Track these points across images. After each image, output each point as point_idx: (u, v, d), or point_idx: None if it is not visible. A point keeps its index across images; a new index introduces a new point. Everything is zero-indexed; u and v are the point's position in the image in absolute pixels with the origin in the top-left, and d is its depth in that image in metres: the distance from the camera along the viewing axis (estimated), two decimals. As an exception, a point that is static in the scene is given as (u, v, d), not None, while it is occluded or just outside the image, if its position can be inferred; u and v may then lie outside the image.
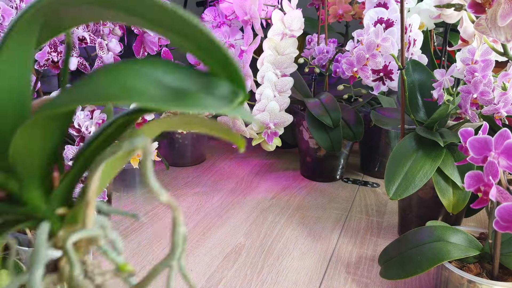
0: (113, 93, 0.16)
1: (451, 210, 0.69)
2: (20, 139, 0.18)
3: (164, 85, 0.17)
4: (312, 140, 1.05)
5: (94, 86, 0.17)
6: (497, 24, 0.50)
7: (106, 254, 0.22)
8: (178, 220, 0.19)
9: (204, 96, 0.17)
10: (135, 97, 0.16)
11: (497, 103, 0.62)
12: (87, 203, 0.19)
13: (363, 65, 0.77)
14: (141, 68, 0.18)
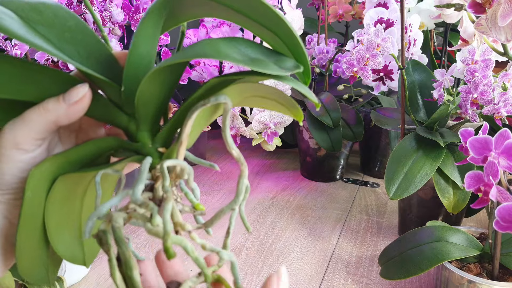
0: (210, 53, 0.22)
1: (451, 210, 0.69)
2: (144, 86, 0.24)
3: (244, 54, 0.24)
4: (312, 140, 1.05)
5: (197, 48, 0.23)
6: (497, 24, 0.50)
7: (186, 195, 0.28)
8: (243, 173, 0.24)
9: (273, 65, 0.23)
10: (224, 57, 0.22)
11: (497, 103, 0.62)
12: (180, 142, 0.24)
13: (363, 65, 0.77)
14: (229, 42, 0.24)
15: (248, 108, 0.77)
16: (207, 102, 0.23)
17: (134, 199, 0.23)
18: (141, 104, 0.25)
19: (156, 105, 0.27)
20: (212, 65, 0.98)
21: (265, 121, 0.76)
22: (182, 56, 0.23)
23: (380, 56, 0.75)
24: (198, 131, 0.28)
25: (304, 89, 0.24)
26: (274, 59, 0.24)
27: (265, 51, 0.25)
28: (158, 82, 0.25)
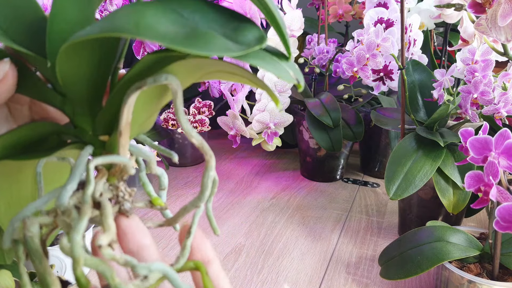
0: (126, 27, 0.16)
1: (451, 210, 0.69)
2: (63, 64, 0.20)
3: (183, 24, 0.18)
4: (312, 140, 1.05)
5: (112, 20, 0.17)
6: (497, 24, 0.50)
7: (144, 186, 0.25)
8: (209, 165, 0.21)
9: (220, 39, 0.17)
10: (143, 33, 0.16)
11: (497, 103, 0.62)
12: (120, 132, 0.21)
13: (363, 65, 0.77)
14: (170, 4, 0.19)
15: (248, 108, 0.77)
16: (143, 85, 0.19)
17: (58, 203, 0.20)
18: (68, 83, 0.21)
19: (88, 85, 0.22)
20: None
21: (265, 121, 0.76)
22: (88, 32, 0.17)
23: (380, 56, 0.75)
24: (149, 115, 0.24)
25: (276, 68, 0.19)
26: (230, 28, 0.19)
27: (223, 15, 0.20)
28: (81, 59, 0.21)
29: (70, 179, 0.20)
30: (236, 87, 0.77)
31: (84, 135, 0.23)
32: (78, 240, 0.18)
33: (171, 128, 1.02)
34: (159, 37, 0.16)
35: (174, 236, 0.81)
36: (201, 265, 0.22)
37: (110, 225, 0.20)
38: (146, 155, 0.24)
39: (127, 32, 0.16)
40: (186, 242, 0.23)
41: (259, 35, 0.18)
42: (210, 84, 0.98)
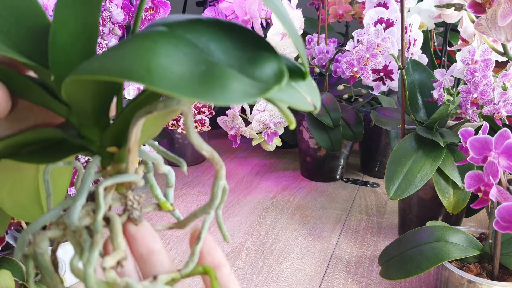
0: (135, 72, 0.15)
1: (451, 210, 0.69)
2: (68, 89, 0.19)
3: (199, 60, 0.16)
4: (312, 140, 1.05)
5: (121, 58, 0.16)
6: (497, 24, 0.50)
7: (152, 189, 0.25)
8: (219, 174, 0.21)
9: (238, 81, 0.16)
10: (157, 83, 0.15)
11: (497, 103, 0.62)
12: (128, 150, 0.21)
13: (363, 65, 0.77)
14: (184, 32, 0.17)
15: (248, 108, 0.77)
16: (153, 109, 0.19)
17: (68, 222, 0.20)
18: (74, 102, 0.21)
19: (93, 100, 0.22)
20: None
21: (265, 121, 0.76)
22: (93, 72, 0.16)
23: (380, 56, 0.75)
24: (155, 130, 0.25)
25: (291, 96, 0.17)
26: (247, 59, 0.17)
27: (238, 38, 0.18)
28: (86, 88, 0.20)
29: (78, 195, 0.20)
30: (236, 87, 0.77)
31: (91, 145, 0.23)
32: (91, 273, 0.18)
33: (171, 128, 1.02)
34: (170, 88, 0.15)
35: (174, 236, 0.81)
36: (210, 270, 0.22)
37: (120, 244, 0.20)
38: (154, 159, 0.24)
39: (138, 79, 0.15)
40: (195, 247, 0.23)
41: (278, 67, 0.17)
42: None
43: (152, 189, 0.25)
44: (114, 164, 0.22)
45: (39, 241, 0.20)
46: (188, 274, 0.22)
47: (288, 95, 0.17)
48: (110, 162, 0.23)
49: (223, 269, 0.24)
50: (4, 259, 0.57)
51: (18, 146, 0.23)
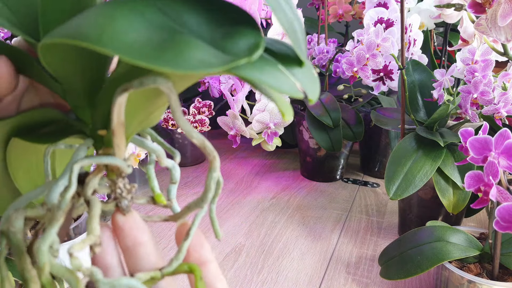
0: (88, 34, 0.14)
1: (451, 210, 0.69)
2: (47, 58, 0.18)
3: (163, 27, 0.15)
4: (312, 140, 1.05)
5: (82, 21, 0.15)
6: (497, 24, 0.50)
7: (149, 180, 0.24)
8: (213, 165, 0.20)
9: (200, 49, 0.15)
10: (105, 44, 0.14)
11: (497, 103, 0.62)
12: (112, 132, 0.19)
13: (363, 65, 0.77)
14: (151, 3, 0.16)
15: (248, 108, 0.77)
16: (129, 87, 0.18)
17: (47, 199, 0.19)
18: (59, 76, 0.20)
19: (83, 79, 0.21)
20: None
21: (265, 121, 0.76)
22: (52, 36, 0.15)
23: (380, 56, 0.75)
24: (150, 112, 0.23)
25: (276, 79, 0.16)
26: (222, 32, 0.16)
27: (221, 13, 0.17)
28: (65, 54, 0.19)
29: (63, 174, 0.19)
30: (236, 87, 0.77)
31: (84, 127, 0.22)
32: (43, 249, 0.17)
33: (171, 128, 1.02)
34: (120, 50, 0.14)
35: (174, 236, 0.81)
36: (196, 268, 0.21)
37: (94, 229, 0.19)
38: (153, 150, 0.23)
39: (88, 41, 0.14)
40: (183, 244, 0.21)
41: (253, 42, 0.15)
42: (210, 84, 0.98)
43: (149, 181, 0.24)
44: (105, 148, 0.22)
45: (14, 219, 0.19)
46: (170, 273, 0.21)
47: (268, 76, 0.16)
48: (102, 146, 0.22)
49: (210, 266, 0.23)
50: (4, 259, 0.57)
51: (26, 126, 0.23)
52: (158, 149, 0.23)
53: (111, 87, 0.19)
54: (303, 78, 0.17)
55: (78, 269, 0.18)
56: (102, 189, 0.21)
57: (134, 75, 0.18)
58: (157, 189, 0.24)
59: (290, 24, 0.18)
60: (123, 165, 0.20)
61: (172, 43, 0.14)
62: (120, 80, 0.19)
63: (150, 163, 0.25)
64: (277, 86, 0.16)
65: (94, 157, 0.20)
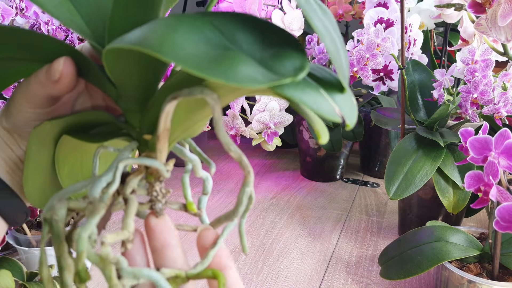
0: (150, 43, 0.16)
1: (451, 210, 0.69)
2: (110, 63, 0.20)
3: (218, 44, 0.16)
4: (312, 140, 1.05)
5: (147, 31, 0.17)
6: (497, 24, 0.50)
7: (183, 187, 0.25)
8: (247, 180, 0.20)
9: (250, 67, 0.16)
10: (165, 52, 0.15)
11: (497, 103, 0.62)
12: (157, 137, 0.21)
13: (363, 65, 0.76)
14: (212, 18, 0.17)
15: (248, 108, 0.77)
16: (178, 95, 0.19)
17: (89, 193, 0.20)
18: (117, 80, 0.22)
19: (138, 85, 0.23)
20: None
21: (265, 121, 0.76)
22: (117, 43, 0.17)
23: (380, 56, 0.75)
24: (194, 122, 0.24)
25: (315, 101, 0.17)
26: (271, 53, 0.17)
27: (271, 35, 0.18)
28: (126, 61, 0.21)
29: (107, 171, 0.21)
30: (236, 87, 0.77)
31: (132, 130, 0.24)
32: (83, 236, 0.18)
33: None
34: (178, 59, 0.15)
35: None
36: (220, 275, 0.21)
37: (128, 225, 0.20)
38: (190, 159, 0.24)
39: (150, 48, 0.15)
40: (209, 252, 0.22)
41: (299, 64, 0.16)
42: (210, 84, 0.97)
43: (183, 189, 0.25)
44: (148, 151, 0.23)
45: (58, 208, 0.20)
46: (194, 275, 0.21)
47: (309, 97, 0.17)
48: (146, 150, 0.23)
49: (229, 271, 0.23)
50: (4, 259, 0.57)
51: (78, 126, 0.25)
52: (195, 159, 0.24)
53: (162, 95, 0.21)
54: (342, 103, 0.18)
55: (107, 256, 0.19)
56: (140, 190, 0.22)
57: (184, 85, 0.20)
58: (189, 197, 0.25)
59: (337, 51, 0.18)
60: (163, 168, 0.21)
61: (226, 58, 0.16)
62: (171, 89, 0.20)
63: (186, 171, 0.26)
64: (316, 107, 0.17)
65: (138, 158, 0.21)
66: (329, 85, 0.18)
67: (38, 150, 0.25)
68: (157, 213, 0.22)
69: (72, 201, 0.21)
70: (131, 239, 0.20)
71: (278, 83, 0.15)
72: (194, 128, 0.25)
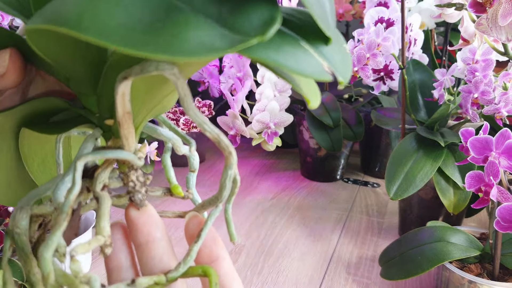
0: (66, 19, 0.12)
1: (451, 210, 0.69)
2: (35, 41, 0.16)
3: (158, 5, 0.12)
4: (313, 140, 1.05)
5: (63, 3, 0.13)
6: (498, 24, 0.50)
7: (165, 169, 0.22)
8: (228, 162, 0.18)
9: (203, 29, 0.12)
10: (84, 29, 0.12)
11: (498, 103, 0.62)
12: (119, 123, 0.18)
13: (363, 64, 0.76)
14: None
15: (248, 108, 0.77)
16: (128, 75, 0.16)
17: (53, 197, 0.18)
18: (55, 60, 0.18)
19: (83, 63, 0.19)
20: (211, 65, 0.98)
21: (265, 121, 0.75)
22: (33, 23, 0.13)
23: (381, 55, 0.75)
24: (161, 98, 0.21)
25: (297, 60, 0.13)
26: (232, 5, 0.13)
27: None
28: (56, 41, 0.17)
29: (69, 169, 0.18)
30: (236, 87, 0.77)
31: (91, 116, 0.21)
32: (47, 257, 0.16)
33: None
34: (101, 35, 0.12)
35: (175, 235, 0.81)
36: (212, 273, 0.19)
37: (102, 228, 0.18)
38: (167, 137, 0.22)
39: (67, 26, 0.12)
40: (192, 247, 0.20)
41: (268, 16, 0.12)
42: (210, 84, 0.97)
43: (165, 171, 0.23)
44: (114, 139, 0.20)
45: (18, 219, 0.18)
46: (177, 278, 0.19)
47: (287, 56, 0.13)
48: (112, 137, 0.20)
49: (222, 263, 0.21)
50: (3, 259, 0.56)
51: (33, 116, 0.22)
52: (173, 136, 0.22)
53: (112, 74, 0.17)
54: (331, 55, 0.14)
55: (76, 275, 0.17)
56: (114, 182, 0.20)
57: (135, 59, 0.16)
58: (173, 180, 0.23)
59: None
60: (133, 158, 0.19)
61: (168, 23, 0.12)
62: (120, 65, 0.17)
63: (166, 151, 0.24)
64: (298, 68, 0.13)
65: (99, 152, 0.19)
66: (312, 34, 0.14)
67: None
68: (137, 205, 0.20)
69: (36, 207, 0.19)
70: (108, 243, 0.18)
71: (242, 46, 0.12)
72: (163, 105, 0.21)
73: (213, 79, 1.00)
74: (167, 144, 0.24)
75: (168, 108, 0.22)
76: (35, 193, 0.19)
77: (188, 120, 0.98)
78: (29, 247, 0.18)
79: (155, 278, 0.19)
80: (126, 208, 0.20)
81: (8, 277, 0.19)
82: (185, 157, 0.25)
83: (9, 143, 0.23)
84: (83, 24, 0.12)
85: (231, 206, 0.21)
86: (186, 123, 0.97)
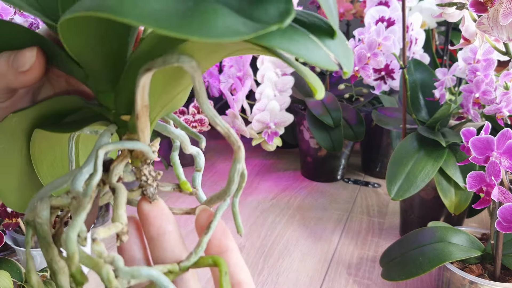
0: (109, 5, 0.13)
1: (453, 211, 0.69)
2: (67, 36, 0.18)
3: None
4: (313, 140, 1.05)
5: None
6: (499, 23, 0.50)
7: (174, 167, 0.24)
8: (237, 156, 0.19)
9: (227, 17, 0.14)
10: (126, 13, 0.13)
11: (499, 103, 0.62)
12: (137, 116, 0.19)
13: (364, 64, 0.76)
14: None
15: (248, 107, 0.77)
16: (151, 66, 0.17)
17: (72, 187, 0.18)
18: (80, 57, 0.20)
19: (105, 61, 0.21)
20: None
21: (266, 120, 0.75)
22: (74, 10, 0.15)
23: (382, 55, 0.75)
24: (174, 95, 0.22)
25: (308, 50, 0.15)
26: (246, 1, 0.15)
27: None
28: (85, 32, 0.18)
29: (87, 161, 0.19)
30: (236, 87, 0.77)
31: (107, 113, 0.22)
32: (72, 237, 0.17)
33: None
34: (144, 18, 0.13)
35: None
36: (221, 263, 0.20)
37: (120, 216, 0.18)
38: (177, 135, 0.23)
39: (108, 11, 0.13)
40: (203, 238, 0.20)
41: (284, 8, 0.14)
42: (210, 84, 0.97)
43: (174, 168, 0.24)
44: (129, 133, 0.21)
45: (40, 210, 0.19)
46: (189, 267, 0.20)
47: (299, 45, 0.15)
48: (126, 132, 0.21)
49: (231, 255, 0.22)
50: (2, 260, 0.56)
51: (47, 116, 0.23)
52: (182, 134, 0.23)
53: (134, 68, 0.19)
54: (336, 49, 0.16)
55: (100, 255, 0.17)
56: (128, 176, 0.21)
57: (157, 53, 0.17)
58: (182, 176, 0.23)
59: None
60: (148, 150, 0.20)
61: (198, 11, 0.14)
62: (142, 59, 0.18)
63: (174, 150, 0.25)
64: (309, 56, 0.15)
65: (119, 142, 0.19)
66: (318, 30, 0.16)
67: (7, 148, 0.23)
68: (149, 198, 0.21)
69: (55, 199, 0.19)
70: (125, 230, 0.19)
71: (263, 31, 0.13)
72: (175, 102, 0.23)
73: (213, 79, 1.00)
74: (175, 142, 0.24)
75: (177, 107, 0.24)
76: (52, 186, 0.20)
77: (187, 120, 0.98)
78: (50, 237, 0.19)
79: (168, 266, 0.20)
80: (139, 202, 0.21)
81: (31, 266, 0.19)
82: (185, 157, 0.26)
83: (21, 145, 0.24)
84: (124, 9, 0.13)
85: (238, 200, 0.22)
86: (185, 123, 0.96)
